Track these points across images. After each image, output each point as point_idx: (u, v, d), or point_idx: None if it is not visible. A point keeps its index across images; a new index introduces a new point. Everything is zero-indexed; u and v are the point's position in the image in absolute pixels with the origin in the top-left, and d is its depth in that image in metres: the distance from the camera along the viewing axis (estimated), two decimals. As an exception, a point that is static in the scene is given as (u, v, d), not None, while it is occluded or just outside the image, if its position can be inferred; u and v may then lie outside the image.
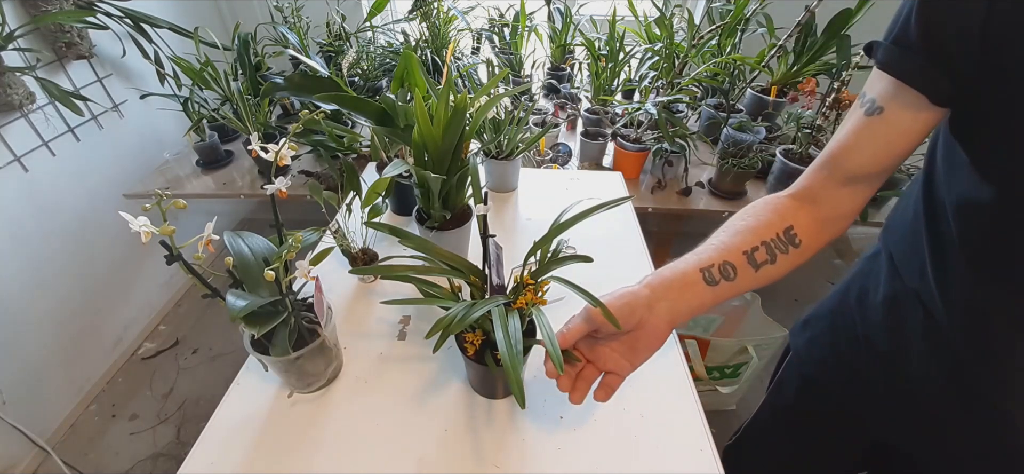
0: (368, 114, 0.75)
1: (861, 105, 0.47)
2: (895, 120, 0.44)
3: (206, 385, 1.66)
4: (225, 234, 0.58)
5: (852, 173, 0.49)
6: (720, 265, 0.51)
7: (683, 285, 0.51)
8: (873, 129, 0.46)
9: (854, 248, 2.11)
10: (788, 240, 0.52)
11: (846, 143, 0.48)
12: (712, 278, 0.51)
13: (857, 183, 0.50)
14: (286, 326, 0.56)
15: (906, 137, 0.45)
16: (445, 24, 1.75)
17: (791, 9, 1.40)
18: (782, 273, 0.53)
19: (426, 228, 0.77)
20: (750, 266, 0.51)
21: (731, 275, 0.51)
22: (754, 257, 0.51)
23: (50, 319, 1.44)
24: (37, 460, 1.41)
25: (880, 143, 0.46)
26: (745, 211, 0.55)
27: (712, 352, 1.32)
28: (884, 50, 0.43)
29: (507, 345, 0.48)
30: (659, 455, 0.57)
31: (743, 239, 0.52)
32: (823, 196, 0.52)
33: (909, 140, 0.45)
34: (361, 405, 0.63)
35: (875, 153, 0.47)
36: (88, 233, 1.55)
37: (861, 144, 0.47)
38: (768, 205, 0.54)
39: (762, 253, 0.51)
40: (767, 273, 0.52)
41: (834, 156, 0.50)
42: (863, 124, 0.46)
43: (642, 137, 1.44)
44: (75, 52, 1.43)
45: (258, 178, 1.64)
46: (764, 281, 0.52)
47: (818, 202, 0.52)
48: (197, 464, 0.57)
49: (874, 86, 0.45)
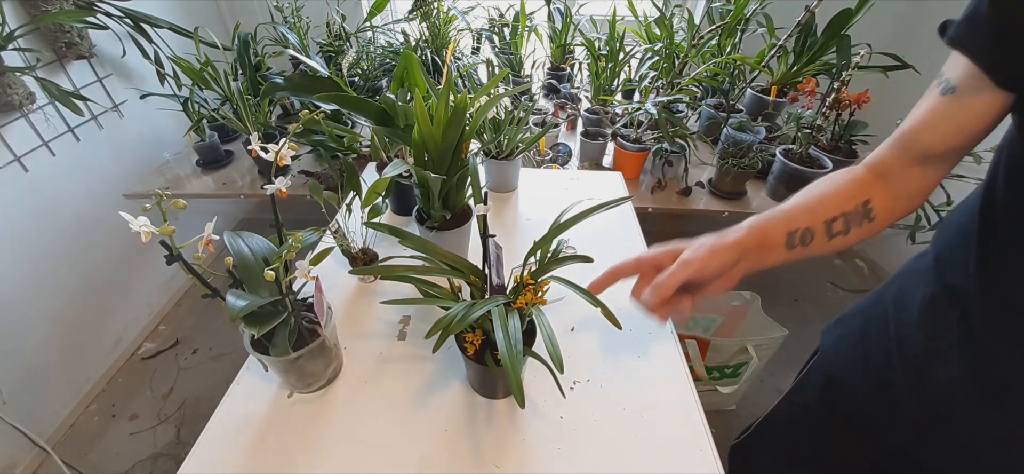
0: (368, 114, 0.75)
1: (937, 84, 0.48)
2: (966, 101, 0.45)
3: (206, 385, 1.66)
4: (225, 234, 0.58)
5: (924, 151, 0.50)
6: (803, 231, 0.53)
7: (766, 247, 0.53)
8: (945, 108, 0.47)
9: (854, 248, 2.11)
10: (865, 214, 0.54)
11: (920, 121, 0.49)
12: (792, 243, 0.53)
13: (929, 163, 0.51)
14: (286, 326, 0.56)
15: (976, 119, 0.45)
16: (445, 24, 1.75)
17: (791, 9, 1.40)
18: (850, 244, 0.55)
19: (426, 228, 0.77)
20: (825, 235, 0.53)
21: (808, 241, 0.53)
22: (832, 227, 0.53)
23: (50, 319, 1.44)
24: (37, 460, 1.41)
25: (952, 123, 0.47)
26: (824, 179, 0.57)
27: (712, 352, 1.32)
28: (955, 27, 0.44)
29: (507, 345, 0.48)
30: (659, 455, 0.57)
31: (824, 207, 0.54)
32: (896, 173, 0.53)
33: (979, 122, 0.46)
34: (361, 405, 0.63)
35: (946, 133, 0.48)
36: (88, 233, 1.55)
37: (934, 122, 0.48)
38: (847, 176, 0.55)
39: (840, 223, 0.53)
40: (837, 243, 0.54)
41: (908, 134, 0.51)
42: (937, 103, 0.47)
43: (642, 137, 1.44)
44: (75, 52, 1.43)
45: (258, 178, 1.64)
46: (831, 250, 0.55)
47: (890, 179, 0.53)
48: (197, 464, 0.57)
49: (950, 66, 0.46)
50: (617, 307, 0.57)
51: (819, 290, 2.02)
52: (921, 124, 0.49)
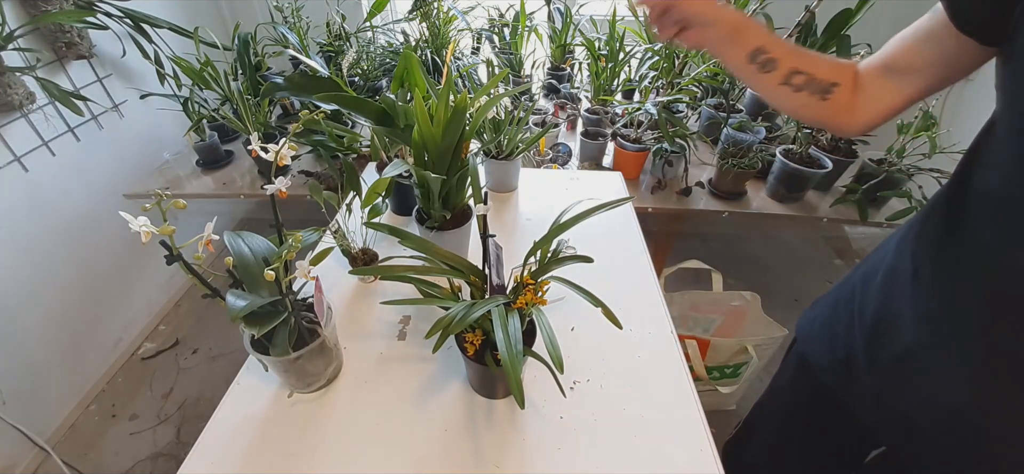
0: (368, 114, 0.75)
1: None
2: (934, 27, 0.51)
3: (206, 385, 1.66)
4: (225, 234, 0.58)
5: (892, 61, 0.55)
6: (770, 58, 0.58)
7: (737, 37, 0.58)
8: (918, 28, 0.53)
9: (854, 248, 2.11)
10: (824, 89, 0.58)
11: (901, 33, 0.55)
12: (756, 57, 0.58)
13: (893, 75, 0.55)
14: (286, 326, 0.56)
15: (937, 49, 0.51)
16: (445, 24, 1.75)
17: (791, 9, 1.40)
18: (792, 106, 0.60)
19: (426, 228, 0.77)
20: (783, 78, 0.58)
21: (769, 69, 0.58)
22: (793, 77, 0.58)
23: (50, 319, 1.44)
24: (37, 460, 1.41)
25: (919, 42, 0.52)
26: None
27: (712, 352, 1.32)
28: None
29: (507, 345, 0.48)
30: (659, 455, 0.57)
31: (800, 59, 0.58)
32: (868, 78, 0.58)
33: (937, 54, 0.51)
34: (361, 405, 0.63)
35: (910, 48, 0.53)
36: (88, 233, 1.55)
37: (906, 36, 0.54)
38: (837, 59, 0.60)
39: (801, 79, 0.58)
40: (785, 92, 0.59)
41: (889, 42, 0.56)
42: (919, 22, 0.53)
43: (642, 137, 1.44)
44: (75, 52, 1.43)
45: (258, 178, 1.63)
46: (775, 95, 0.60)
47: (861, 81, 0.58)
48: (197, 464, 0.57)
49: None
50: (617, 307, 0.57)
51: (819, 290, 2.01)
52: (899, 36, 0.55)
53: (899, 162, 1.34)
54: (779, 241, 2.26)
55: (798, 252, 2.21)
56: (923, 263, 0.53)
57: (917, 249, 0.55)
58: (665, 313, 0.76)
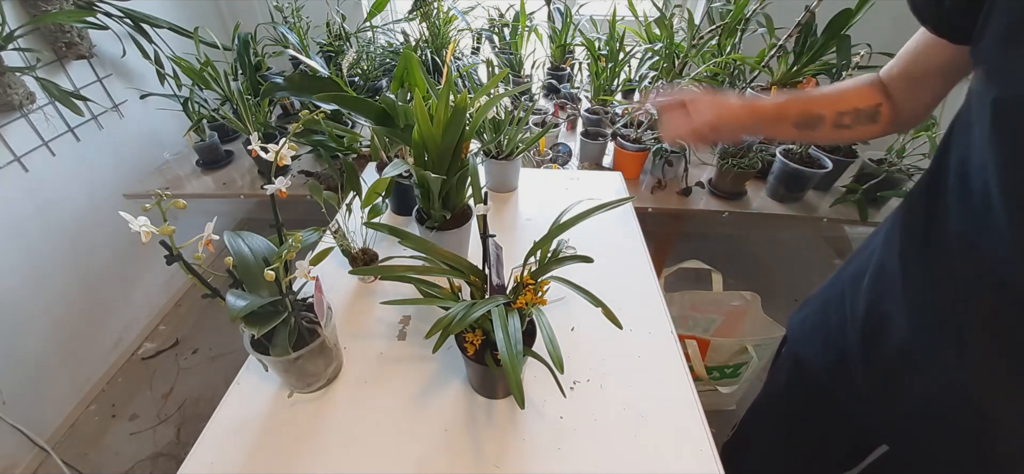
0: (368, 114, 0.75)
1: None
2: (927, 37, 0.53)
3: (206, 385, 1.66)
4: (225, 234, 0.58)
5: (908, 72, 0.58)
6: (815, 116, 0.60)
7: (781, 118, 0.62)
8: (920, 38, 0.55)
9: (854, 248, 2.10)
10: (871, 115, 0.60)
11: (907, 45, 0.58)
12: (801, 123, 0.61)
13: (915, 83, 0.58)
14: (286, 326, 0.56)
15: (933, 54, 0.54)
16: (445, 24, 1.75)
17: (791, 9, 1.40)
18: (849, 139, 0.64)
19: (426, 228, 0.77)
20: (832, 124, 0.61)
21: (816, 127, 0.61)
22: (842, 119, 0.60)
23: (50, 319, 1.44)
24: (37, 460, 1.41)
25: (922, 52, 0.55)
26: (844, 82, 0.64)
27: (712, 352, 1.32)
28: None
29: (507, 345, 0.48)
30: (659, 455, 0.57)
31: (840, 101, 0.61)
32: (895, 87, 0.60)
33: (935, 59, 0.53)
34: (361, 405, 0.63)
35: (917, 58, 0.56)
36: (88, 233, 1.55)
37: (909, 48, 0.57)
38: (866, 80, 0.62)
39: (848, 118, 0.60)
40: (841, 134, 0.62)
41: (900, 54, 0.59)
42: (918, 32, 0.55)
43: (642, 137, 1.44)
44: (75, 52, 1.43)
45: (258, 178, 1.63)
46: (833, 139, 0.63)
47: (891, 91, 0.60)
48: (197, 464, 0.57)
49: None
50: (617, 307, 0.57)
51: (819, 290, 2.01)
52: (906, 47, 0.57)
53: (899, 162, 1.34)
54: (779, 241, 2.26)
55: (798, 252, 2.21)
56: (909, 260, 0.54)
57: (903, 246, 0.55)
58: (665, 313, 0.76)
